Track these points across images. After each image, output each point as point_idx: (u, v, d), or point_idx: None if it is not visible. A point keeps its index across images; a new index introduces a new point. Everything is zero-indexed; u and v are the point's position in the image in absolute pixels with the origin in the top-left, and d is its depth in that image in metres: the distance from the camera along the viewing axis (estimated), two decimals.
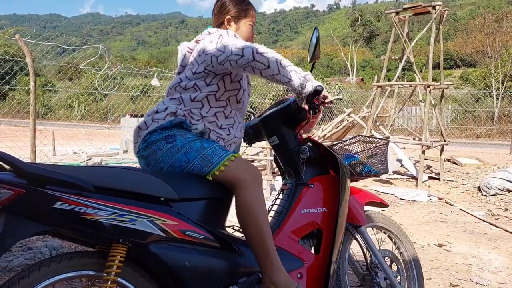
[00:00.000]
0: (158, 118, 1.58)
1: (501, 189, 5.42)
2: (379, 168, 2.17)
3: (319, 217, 1.82)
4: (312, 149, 1.88)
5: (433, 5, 6.23)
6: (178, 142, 1.52)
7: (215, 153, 1.53)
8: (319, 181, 1.88)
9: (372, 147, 2.18)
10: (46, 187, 1.19)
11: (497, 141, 15.64)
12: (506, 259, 3.32)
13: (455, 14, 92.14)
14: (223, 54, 1.53)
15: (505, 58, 21.52)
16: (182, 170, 1.51)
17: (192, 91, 1.65)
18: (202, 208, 1.52)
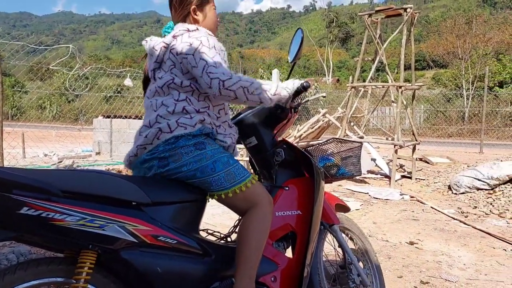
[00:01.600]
0: (185, 124, 1.53)
1: (470, 187, 5.58)
2: (353, 170, 2.21)
3: (293, 219, 1.83)
4: (287, 151, 1.88)
5: (404, 8, 6.37)
6: (208, 151, 1.54)
7: (239, 172, 1.58)
8: (294, 184, 1.89)
9: (346, 149, 2.21)
10: (13, 192, 1.14)
11: (467, 140, 16.10)
12: (474, 256, 3.42)
13: (427, 16, 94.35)
14: (195, 68, 1.52)
15: (474, 60, 22.21)
16: (205, 177, 1.53)
17: (189, 89, 1.60)
18: (175, 212, 1.49)
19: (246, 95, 1.51)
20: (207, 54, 1.53)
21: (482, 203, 5.08)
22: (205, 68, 1.49)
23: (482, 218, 4.60)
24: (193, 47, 1.55)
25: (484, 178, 5.49)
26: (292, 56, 1.88)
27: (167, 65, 1.62)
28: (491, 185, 5.44)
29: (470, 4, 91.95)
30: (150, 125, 1.56)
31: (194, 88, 1.59)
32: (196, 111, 1.57)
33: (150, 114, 1.61)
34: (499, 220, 4.47)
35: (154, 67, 1.68)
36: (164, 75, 1.62)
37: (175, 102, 1.57)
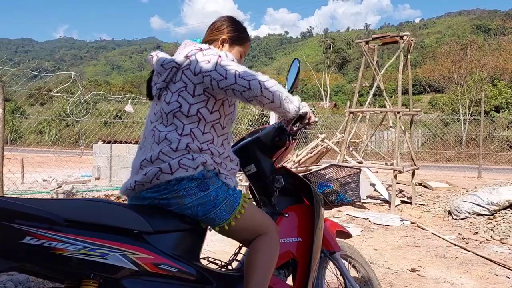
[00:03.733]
0: (187, 165, 1.47)
1: (470, 212, 5.57)
2: (352, 196, 2.23)
3: (294, 246, 1.83)
4: (287, 178, 1.89)
5: (401, 35, 6.51)
6: (212, 192, 1.51)
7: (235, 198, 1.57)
8: (293, 211, 1.89)
9: (345, 175, 2.23)
10: (15, 221, 1.13)
11: (466, 165, 16.13)
12: (477, 283, 3.38)
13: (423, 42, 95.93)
14: (224, 80, 1.47)
15: (470, 84, 22.50)
16: (207, 214, 1.51)
17: (195, 119, 1.53)
18: (176, 240, 1.49)
19: (281, 100, 1.53)
20: (231, 65, 1.51)
21: (483, 229, 5.06)
22: (237, 74, 1.47)
23: (483, 244, 4.57)
24: (213, 63, 1.51)
25: (484, 204, 5.48)
26: (289, 85, 1.90)
27: (176, 87, 1.55)
28: (491, 211, 5.43)
29: (464, 30, 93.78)
30: (151, 160, 1.50)
31: (200, 117, 1.54)
32: (200, 150, 1.51)
33: (151, 145, 1.55)
34: (501, 247, 4.44)
35: (161, 86, 1.61)
36: (171, 100, 1.55)
37: (178, 138, 1.51)
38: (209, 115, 1.55)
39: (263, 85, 1.47)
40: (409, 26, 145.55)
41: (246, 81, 1.46)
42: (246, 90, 1.46)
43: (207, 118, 1.55)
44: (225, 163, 1.62)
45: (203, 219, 1.52)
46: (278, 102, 1.53)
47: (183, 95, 1.53)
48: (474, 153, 17.01)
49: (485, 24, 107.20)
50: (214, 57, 1.52)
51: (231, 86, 1.47)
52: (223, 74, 1.47)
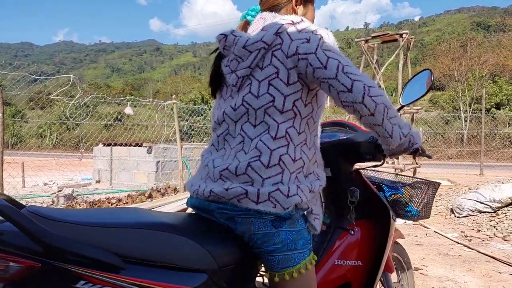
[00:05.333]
0: (277, 201, 1.22)
1: (472, 210, 5.54)
2: (422, 212, 1.91)
3: (352, 270, 1.63)
4: (363, 192, 1.66)
5: (400, 34, 6.49)
6: (282, 234, 1.27)
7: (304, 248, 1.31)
8: (359, 227, 1.69)
9: (420, 185, 1.92)
10: (68, 260, 0.98)
11: (467, 162, 16.10)
12: (481, 281, 3.36)
13: (423, 40, 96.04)
14: (323, 70, 1.19)
15: (471, 82, 22.49)
16: (272, 252, 1.28)
17: (291, 115, 1.26)
18: (236, 273, 1.28)
19: (384, 117, 1.20)
20: (335, 52, 1.21)
21: (486, 227, 5.04)
22: (340, 67, 1.18)
23: (486, 242, 4.54)
24: (312, 44, 1.21)
25: (487, 201, 5.45)
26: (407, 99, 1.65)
27: (265, 74, 1.25)
28: (494, 208, 5.40)
29: (464, 28, 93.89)
30: (235, 173, 1.25)
31: (296, 112, 1.26)
32: (293, 161, 1.25)
33: (236, 152, 1.29)
34: (504, 244, 4.42)
35: (244, 74, 1.29)
36: (261, 91, 1.25)
37: (270, 147, 1.24)
38: (303, 109, 1.27)
39: (368, 91, 1.16)
40: (409, 24, 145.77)
41: (349, 80, 1.17)
42: (346, 91, 1.18)
43: (303, 113, 1.28)
44: (316, 197, 1.39)
45: (266, 257, 1.29)
46: (379, 118, 1.20)
47: (275, 85, 1.24)
48: (475, 150, 16.97)
49: (484, 21, 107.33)
50: (314, 36, 1.22)
51: (329, 81, 1.19)
52: (323, 62, 1.19)
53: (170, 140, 9.29)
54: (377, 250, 1.68)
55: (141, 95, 43.18)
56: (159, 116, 10.25)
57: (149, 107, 11.09)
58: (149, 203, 5.80)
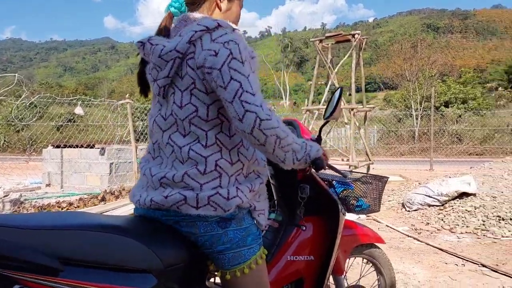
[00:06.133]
0: (217, 204, 1.21)
1: (422, 204, 5.77)
2: (372, 206, 1.97)
3: (305, 265, 1.67)
4: (313, 188, 1.67)
5: (352, 34, 6.65)
6: (229, 234, 1.27)
7: (254, 243, 1.32)
8: (311, 222, 1.72)
9: (370, 180, 1.97)
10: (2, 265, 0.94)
11: (418, 158, 16.78)
12: (428, 272, 3.49)
13: (377, 40, 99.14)
14: (224, 90, 1.16)
15: (421, 81, 23.44)
16: (221, 252, 1.28)
17: (217, 122, 1.25)
18: (186, 273, 1.27)
19: (276, 147, 1.21)
20: (241, 72, 1.17)
21: (434, 219, 5.26)
22: (239, 92, 1.15)
23: (434, 234, 4.74)
24: (219, 59, 1.17)
25: (435, 195, 5.69)
26: (327, 114, 1.68)
27: (186, 83, 1.23)
28: (442, 201, 5.65)
29: (415, 29, 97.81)
30: (174, 180, 1.23)
31: (223, 119, 1.26)
32: (231, 163, 1.25)
33: (172, 161, 1.27)
34: (450, 235, 4.63)
35: (165, 84, 1.27)
36: (184, 102, 1.23)
37: (204, 155, 1.23)
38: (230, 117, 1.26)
39: (259, 124, 1.14)
40: (363, 25, 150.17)
41: (242, 109, 1.14)
42: (238, 119, 1.15)
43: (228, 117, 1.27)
44: (261, 193, 1.40)
45: (216, 256, 1.29)
46: (270, 149, 1.20)
47: (196, 94, 1.23)
48: (426, 146, 17.71)
49: (434, 23, 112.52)
50: (224, 50, 1.17)
51: (226, 102, 1.17)
52: (225, 82, 1.15)
53: (124, 141, 9.04)
54: (329, 245, 1.70)
55: (95, 94, 41.73)
56: (112, 116, 9.95)
57: (103, 107, 10.74)
58: (101, 207, 5.61)
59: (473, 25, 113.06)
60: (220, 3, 1.37)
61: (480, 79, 40.24)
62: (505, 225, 4.72)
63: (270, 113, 1.18)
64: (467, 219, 5.02)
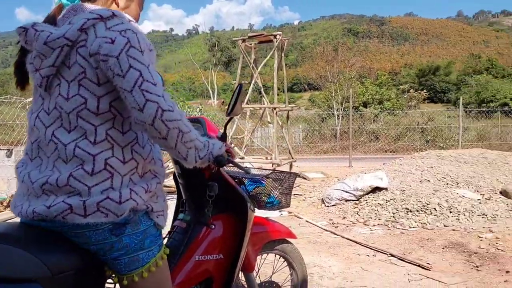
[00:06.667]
0: (108, 209, 1.13)
1: (339, 199, 6.05)
2: (283, 201, 2.01)
3: (214, 264, 1.66)
4: (222, 186, 1.67)
5: (274, 35, 6.79)
6: (125, 240, 1.20)
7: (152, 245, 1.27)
8: (220, 221, 1.70)
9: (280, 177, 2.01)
10: None
11: (339, 156, 17.61)
12: (343, 264, 3.67)
13: (302, 43, 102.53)
14: (122, 79, 1.09)
15: (342, 82, 24.67)
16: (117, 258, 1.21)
17: (109, 116, 1.16)
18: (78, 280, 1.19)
19: (178, 141, 1.16)
20: (140, 61, 1.11)
21: (350, 213, 5.54)
22: (139, 81, 1.08)
23: (350, 227, 5.00)
24: (117, 46, 1.10)
25: (351, 190, 6.00)
26: (229, 111, 1.66)
27: (74, 73, 1.13)
28: (357, 196, 5.97)
29: (337, 33, 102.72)
30: (58, 185, 1.12)
31: (115, 113, 1.17)
32: (123, 162, 1.17)
33: (54, 161, 1.15)
34: (364, 228, 4.90)
35: (49, 73, 1.16)
36: (71, 93, 1.13)
37: (92, 152, 1.13)
38: (124, 109, 1.17)
39: (161, 114, 1.09)
40: (289, 27, 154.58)
41: (143, 98, 1.08)
42: (138, 109, 1.09)
43: (124, 112, 1.18)
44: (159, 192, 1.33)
45: (111, 262, 1.23)
46: (172, 143, 1.16)
47: (85, 85, 1.13)
48: (346, 144, 18.64)
49: (354, 28, 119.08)
50: (121, 38, 1.11)
51: (124, 92, 1.10)
52: (123, 70, 1.09)
53: None
54: (239, 243, 1.71)
55: (5, 92, 38.34)
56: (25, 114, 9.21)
57: (15, 105, 9.87)
58: (8, 213, 5.15)
59: (388, 31, 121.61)
60: (115, 1, 1.30)
61: (394, 82, 43.39)
62: (412, 217, 5.11)
63: (172, 104, 1.14)
64: (379, 212, 5.35)
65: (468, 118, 20.68)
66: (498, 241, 4.12)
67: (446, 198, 5.46)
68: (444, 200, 5.39)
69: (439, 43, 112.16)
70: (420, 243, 4.20)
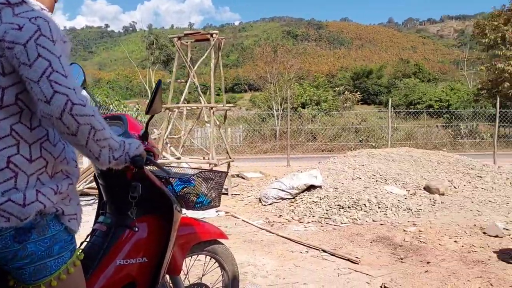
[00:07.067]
0: (10, 213, 1.03)
1: (276, 198, 6.13)
2: (213, 201, 1.97)
3: (137, 268, 1.58)
4: (146, 186, 1.59)
5: (210, 33, 6.74)
6: (30, 248, 1.10)
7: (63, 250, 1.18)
8: (145, 223, 1.63)
9: (210, 175, 1.97)
10: None
11: (279, 155, 17.91)
12: (276, 262, 3.71)
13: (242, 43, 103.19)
14: (28, 68, 1.02)
15: (281, 84, 25.14)
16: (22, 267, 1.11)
17: (15, 110, 1.08)
18: None
19: (89, 139, 1.09)
20: (51, 51, 1.04)
21: (286, 211, 5.63)
22: (48, 71, 1.02)
23: (285, 225, 5.08)
24: (24, 34, 1.03)
25: (287, 189, 6.11)
26: (148, 108, 1.58)
27: None
28: (293, 194, 6.09)
29: (277, 35, 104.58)
30: None
31: (22, 106, 1.10)
32: (29, 160, 1.09)
33: None
34: (298, 225, 5.01)
35: None
36: None
37: None
38: (33, 102, 1.09)
39: (70, 108, 1.03)
40: (230, 28, 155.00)
41: (50, 90, 1.02)
42: (44, 101, 1.02)
43: (33, 106, 1.10)
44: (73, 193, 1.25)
45: (14, 272, 1.13)
46: (83, 140, 1.08)
47: None
48: (286, 144, 19.03)
49: (293, 30, 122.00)
50: (30, 25, 1.04)
51: (30, 83, 1.03)
52: (31, 59, 1.02)
53: None
54: (164, 245, 1.66)
55: None
56: None
57: None
58: None
59: (325, 35, 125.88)
60: None
61: (331, 84, 45.08)
62: (344, 213, 5.30)
63: (84, 99, 1.07)
64: (313, 210, 5.49)
65: (398, 119, 21.99)
66: (421, 234, 4.39)
67: (375, 194, 5.73)
68: (374, 196, 5.65)
69: (372, 48, 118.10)
70: (350, 238, 4.36)
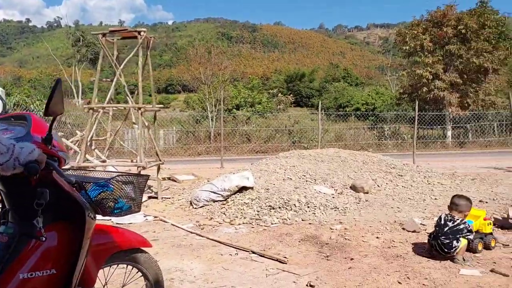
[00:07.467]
0: None
1: (207, 200, 6.03)
2: (133, 206, 1.88)
3: (44, 281, 1.45)
4: (54, 192, 1.46)
5: (138, 31, 6.47)
6: None
7: None
8: (54, 231, 1.50)
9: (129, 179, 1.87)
10: None
11: (213, 157, 17.78)
12: (205, 266, 3.62)
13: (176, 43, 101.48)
14: None
15: (216, 85, 25.02)
16: None
17: None
18: None
19: None
20: None
21: (217, 214, 5.55)
22: None
23: (216, 227, 4.99)
24: None
25: (219, 191, 6.03)
26: (46, 109, 1.44)
27: None
28: (225, 196, 6.02)
29: (211, 36, 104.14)
30: None
31: None
32: None
33: None
34: (229, 228, 4.95)
35: None
36: None
37: None
38: None
39: None
40: (163, 27, 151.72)
41: None
42: None
43: None
44: None
45: None
46: None
47: None
48: (218, 146, 18.93)
49: (228, 32, 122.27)
50: None
51: None
52: None
53: None
54: (76, 255, 1.54)
55: None
56: None
57: None
58: None
59: (260, 38, 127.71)
60: None
61: (265, 86, 45.73)
62: (275, 213, 5.34)
63: None
64: (244, 211, 5.47)
65: (328, 121, 22.81)
66: (346, 232, 4.54)
67: (305, 194, 5.84)
68: (303, 196, 5.76)
69: (305, 52, 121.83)
70: (279, 238, 4.39)
